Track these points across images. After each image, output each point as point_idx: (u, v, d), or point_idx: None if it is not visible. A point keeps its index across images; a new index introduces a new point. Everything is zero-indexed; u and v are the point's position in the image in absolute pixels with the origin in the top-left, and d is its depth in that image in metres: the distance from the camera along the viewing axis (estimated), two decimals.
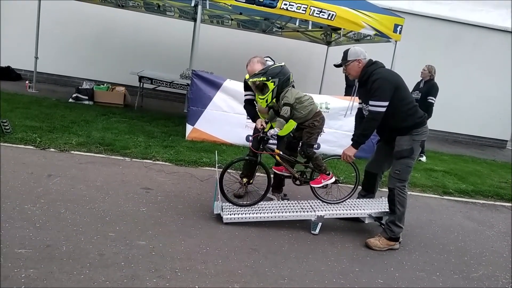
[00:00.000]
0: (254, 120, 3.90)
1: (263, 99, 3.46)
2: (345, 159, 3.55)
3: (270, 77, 3.36)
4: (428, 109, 6.58)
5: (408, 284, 2.95)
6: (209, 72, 6.79)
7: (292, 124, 3.95)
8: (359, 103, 3.70)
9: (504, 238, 4.20)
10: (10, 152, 4.42)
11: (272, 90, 3.39)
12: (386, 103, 3.26)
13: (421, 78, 7.12)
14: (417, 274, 3.12)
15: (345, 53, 3.47)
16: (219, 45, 9.97)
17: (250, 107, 4.04)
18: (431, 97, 6.85)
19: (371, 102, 3.31)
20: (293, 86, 3.56)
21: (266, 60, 3.90)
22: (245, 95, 4.08)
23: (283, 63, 3.48)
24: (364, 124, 3.41)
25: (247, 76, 3.95)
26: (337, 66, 3.61)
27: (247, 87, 4.01)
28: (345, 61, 3.47)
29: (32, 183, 3.68)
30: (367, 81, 3.37)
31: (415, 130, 3.36)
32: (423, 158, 7.45)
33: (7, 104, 6.51)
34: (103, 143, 5.20)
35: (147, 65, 9.26)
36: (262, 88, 3.46)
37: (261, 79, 3.38)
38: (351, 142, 3.51)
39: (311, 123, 3.52)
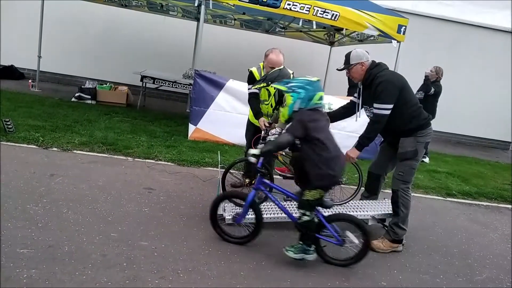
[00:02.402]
0: (257, 117, 3.82)
1: (268, 104, 3.47)
2: (348, 160, 3.53)
3: (269, 82, 3.37)
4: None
5: (412, 287, 2.93)
6: (212, 72, 6.79)
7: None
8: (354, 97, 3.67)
9: (508, 240, 4.17)
10: (13, 151, 4.42)
11: (274, 94, 3.40)
12: (391, 106, 3.23)
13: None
14: (421, 276, 3.10)
15: (347, 56, 3.42)
16: (222, 45, 9.97)
17: (255, 101, 3.89)
18: (420, 91, 6.83)
19: (375, 105, 3.28)
20: None
21: None
22: (249, 89, 3.93)
23: (281, 66, 3.49)
24: (368, 127, 3.38)
25: (254, 70, 3.88)
26: (340, 70, 3.57)
27: (251, 80, 3.88)
28: (348, 65, 3.41)
29: (35, 183, 3.68)
30: (372, 83, 3.32)
31: (419, 131, 3.34)
32: (426, 160, 7.41)
33: (10, 103, 6.52)
34: (105, 143, 5.20)
35: (149, 64, 9.26)
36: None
37: (261, 85, 3.41)
38: (355, 144, 3.49)
39: None
